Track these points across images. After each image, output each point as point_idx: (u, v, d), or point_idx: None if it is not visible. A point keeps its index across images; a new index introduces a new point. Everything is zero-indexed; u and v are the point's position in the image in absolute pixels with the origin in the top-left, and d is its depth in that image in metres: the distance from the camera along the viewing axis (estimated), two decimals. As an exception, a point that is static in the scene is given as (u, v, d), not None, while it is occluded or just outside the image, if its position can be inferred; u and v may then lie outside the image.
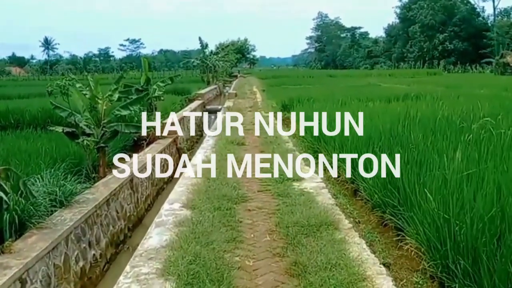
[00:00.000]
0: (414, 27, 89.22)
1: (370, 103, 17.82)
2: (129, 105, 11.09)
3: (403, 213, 6.49)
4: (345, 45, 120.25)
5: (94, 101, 10.91)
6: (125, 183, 9.98)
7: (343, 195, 8.39)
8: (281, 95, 22.89)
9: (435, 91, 23.12)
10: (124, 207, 9.76)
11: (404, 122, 11.22)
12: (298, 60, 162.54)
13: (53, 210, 7.26)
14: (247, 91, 34.48)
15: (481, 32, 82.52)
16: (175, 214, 6.46)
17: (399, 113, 13.13)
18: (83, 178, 9.73)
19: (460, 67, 73.71)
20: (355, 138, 9.83)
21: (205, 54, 50.86)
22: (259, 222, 6.24)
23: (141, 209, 10.96)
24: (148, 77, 15.70)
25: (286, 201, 6.93)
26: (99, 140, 10.75)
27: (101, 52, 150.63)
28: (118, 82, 11.38)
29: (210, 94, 37.92)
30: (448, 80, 37.74)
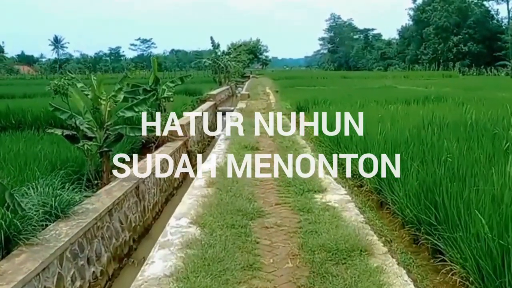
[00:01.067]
0: (428, 29, 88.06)
1: (389, 105, 16.99)
2: (134, 106, 10.32)
3: (442, 233, 5.66)
4: (358, 47, 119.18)
5: (97, 102, 10.15)
6: (130, 191, 9.20)
7: (369, 207, 7.57)
8: (295, 97, 22.07)
9: (455, 93, 22.22)
10: (129, 217, 8.98)
11: (432, 127, 10.41)
12: (311, 61, 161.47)
13: (48, 223, 6.51)
14: (260, 92, 33.65)
15: (496, 35, 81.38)
16: (183, 232, 5.65)
17: (423, 116, 12.33)
18: (85, 185, 9.05)
19: (475, 70, 72.45)
20: (379, 143, 9.01)
21: (217, 54, 50.08)
22: (278, 244, 5.40)
23: (148, 218, 10.18)
24: (157, 77, 14.92)
25: (308, 218, 6.10)
26: (102, 143, 9.99)
27: (112, 52, 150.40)
28: (122, 81, 10.60)
29: (222, 95, 37.17)
30: (465, 83, 36.67)
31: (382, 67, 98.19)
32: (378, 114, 13.65)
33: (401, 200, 6.90)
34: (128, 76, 10.60)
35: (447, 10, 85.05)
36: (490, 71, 69.07)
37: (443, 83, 36.71)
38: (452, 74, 61.58)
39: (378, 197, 8.02)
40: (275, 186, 7.93)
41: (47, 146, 11.22)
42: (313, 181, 7.79)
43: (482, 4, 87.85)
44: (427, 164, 7.45)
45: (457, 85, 32.54)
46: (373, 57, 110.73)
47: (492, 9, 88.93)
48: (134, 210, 9.33)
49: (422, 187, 6.60)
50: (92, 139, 9.90)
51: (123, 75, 10.72)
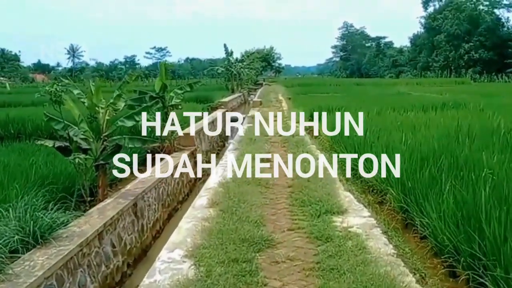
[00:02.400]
0: (440, 37, 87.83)
1: (407, 113, 16.00)
2: (135, 115, 9.42)
3: (491, 271, 4.64)
4: (370, 54, 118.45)
5: (94, 110, 9.29)
6: (127, 209, 8.27)
7: (394, 229, 6.57)
8: (309, 104, 21.08)
9: (473, 100, 21.07)
10: (124, 239, 8.04)
11: (460, 136, 9.37)
12: (323, 69, 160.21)
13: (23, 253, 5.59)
14: (272, 99, 32.70)
15: (506, 42, 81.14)
16: (174, 270, 4.69)
17: (446, 125, 11.35)
18: (77, 203, 8.18)
19: (486, 77, 71.45)
20: (403, 155, 8.01)
21: (230, 62, 49.32)
22: (291, 286, 4.40)
23: (147, 237, 9.23)
24: (164, 84, 13.98)
25: (327, 249, 5.11)
26: (98, 156, 9.11)
27: (127, 60, 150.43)
28: (121, 88, 9.69)
29: (234, 102, 36.30)
30: (479, 89, 35.46)
31: (393, 74, 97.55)
32: (397, 122, 12.67)
33: (434, 224, 5.91)
34: (127, 82, 9.69)
35: (458, 18, 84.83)
36: (501, 78, 68.58)
37: (457, 90, 35.56)
38: (464, 80, 60.67)
39: (403, 216, 7.03)
40: (288, 206, 6.95)
41: (42, 158, 10.39)
42: (331, 199, 6.79)
43: (492, 12, 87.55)
44: (462, 180, 6.47)
45: (472, 91, 31.41)
46: (385, 65, 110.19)
47: (503, 17, 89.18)
48: (131, 230, 8.39)
49: (461, 209, 5.60)
50: (87, 151, 9.02)
51: (122, 81, 9.81)
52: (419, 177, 6.82)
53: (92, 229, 6.83)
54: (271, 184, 7.99)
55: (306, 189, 7.15)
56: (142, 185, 9.59)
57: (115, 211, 7.76)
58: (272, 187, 7.86)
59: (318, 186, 7.28)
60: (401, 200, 7.03)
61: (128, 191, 9.06)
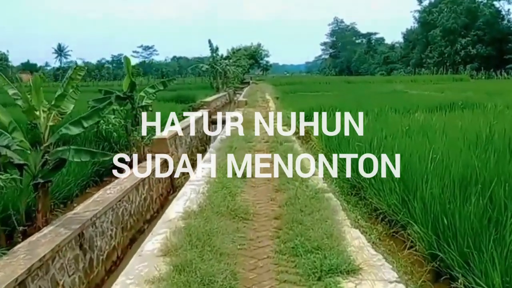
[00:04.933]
0: (435, 32, 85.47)
1: (411, 114, 14.23)
2: (83, 120, 7.52)
3: None
4: (361, 51, 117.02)
5: (32, 115, 7.44)
6: (68, 242, 6.47)
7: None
8: (298, 104, 19.28)
9: (481, 98, 19.36)
10: (62, 283, 6.20)
11: (499, 147, 7.46)
12: (312, 67, 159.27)
13: None
14: (258, 98, 30.77)
15: (507, 36, 78.90)
16: None
17: (469, 129, 9.57)
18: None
19: (484, 73, 69.49)
20: (425, 177, 6.17)
21: (215, 59, 47.36)
22: None
23: (97, 274, 7.38)
24: (133, 82, 12.10)
25: None
26: (37, 172, 7.26)
27: (114, 59, 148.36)
28: (66, 86, 7.78)
29: (218, 102, 34.42)
30: (482, 87, 33.41)
31: (385, 72, 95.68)
32: (405, 126, 10.88)
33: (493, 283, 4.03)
34: (72, 78, 7.80)
35: (455, 11, 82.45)
36: (500, 75, 66.38)
37: (458, 88, 33.79)
38: (462, 77, 58.60)
39: (434, 267, 5.07)
40: (273, 254, 4.95)
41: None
42: (334, 246, 4.82)
43: (492, 4, 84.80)
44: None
45: (476, 89, 29.41)
46: (376, 62, 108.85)
47: (503, 9, 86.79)
48: (73, 269, 6.56)
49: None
50: (21, 167, 7.16)
51: (66, 77, 7.91)
52: (461, 211, 4.91)
53: (8, 278, 5.02)
54: (251, 213, 6.11)
55: (299, 225, 5.24)
56: (96, 206, 7.76)
57: (49, 247, 5.98)
58: (253, 219, 5.96)
59: (315, 219, 5.34)
60: (433, 243, 5.07)
61: (74, 216, 7.24)
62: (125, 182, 9.40)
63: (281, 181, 7.64)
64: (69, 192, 9.36)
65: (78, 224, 6.85)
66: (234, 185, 7.34)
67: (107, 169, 12.20)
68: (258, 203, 6.68)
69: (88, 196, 9.31)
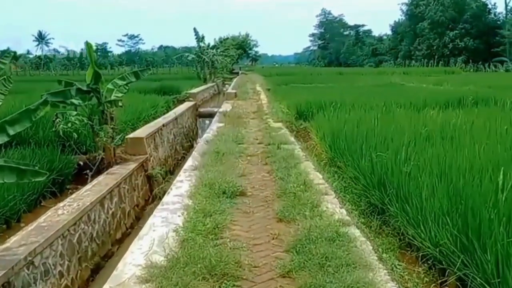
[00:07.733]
0: (423, 24, 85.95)
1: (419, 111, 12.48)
2: (8, 125, 5.44)
3: None
4: (349, 43, 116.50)
5: None
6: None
7: None
8: (293, 97, 17.36)
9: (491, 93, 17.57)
10: None
11: None
12: (300, 58, 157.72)
13: None
14: (249, 90, 28.83)
15: (493, 30, 79.54)
16: None
17: (500, 133, 7.88)
18: None
19: (472, 66, 68.86)
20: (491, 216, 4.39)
21: (202, 48, 45.19)
22: None
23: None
24: (97, 72, 10.14)
25: None
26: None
27: (98, 48, 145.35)
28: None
29: (205, 93, 32.47)
30: (480, 80, 31.43)
31: (373, 64, 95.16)
32: (423, 128, 9.12)
33: None
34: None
35: (442, 4, 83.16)
36: (488, 67, 65.88)
37: (455, 80, 32.07)
38: (454, 70, 57.62)
39: None
40: None
41: None
42: None
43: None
44: None
45: (476, 82, 27.65)
46: (364, 54, 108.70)
47: (490, 3, 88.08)
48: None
49: None
50: None
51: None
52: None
53: None
54: (245, 267, 4.14)
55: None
56: (38, 236, 5.87)
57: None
58: (248, 278, 4.04)
59: (347, 285, 3.58)
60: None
61: (6, 253, 5.36)
62: (86, 197, 7.53)
63: (285, 204, 5.80)
64: (12, 210, 7.42)
65: (3, 269, 4.94)
66: (220, 211, 5.48)
67: (72, 175, 10.37)
68: (255, 245, 4.75)
69: (44, 210, 7.48)
